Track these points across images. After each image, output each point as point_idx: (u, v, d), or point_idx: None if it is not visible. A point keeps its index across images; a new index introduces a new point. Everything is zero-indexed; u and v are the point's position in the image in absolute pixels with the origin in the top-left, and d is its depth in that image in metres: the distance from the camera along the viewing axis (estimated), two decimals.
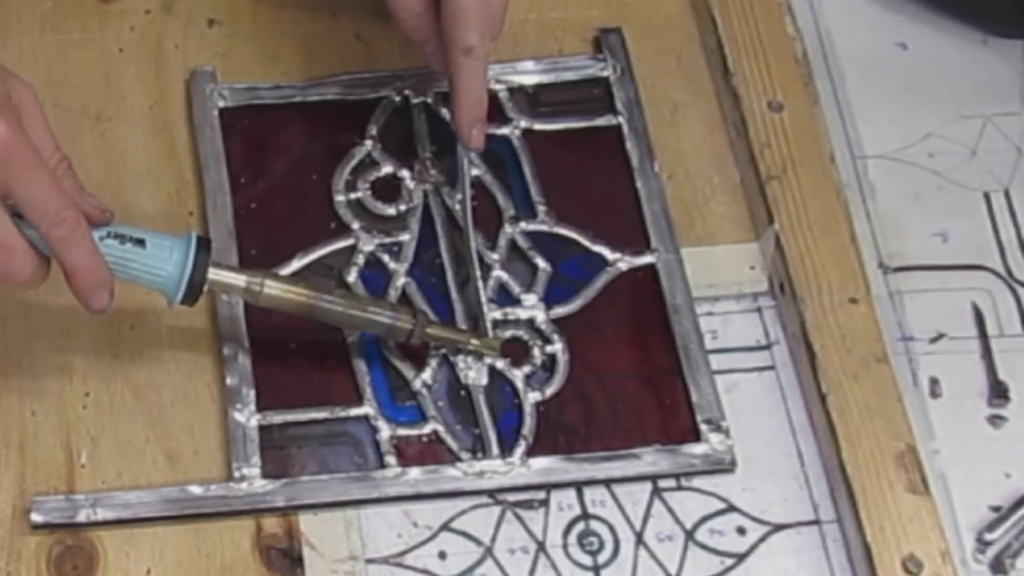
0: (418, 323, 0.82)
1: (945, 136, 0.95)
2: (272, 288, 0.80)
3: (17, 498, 0.80)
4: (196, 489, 0.80)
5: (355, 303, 0.82)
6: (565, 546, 0.81)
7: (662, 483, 0.83)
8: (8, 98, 0.75)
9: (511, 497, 0.82)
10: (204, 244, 0.79)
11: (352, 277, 0.87)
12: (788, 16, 0.97)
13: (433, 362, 0.85)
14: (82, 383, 0.83)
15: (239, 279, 0.80)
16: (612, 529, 0.82)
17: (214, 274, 0.79)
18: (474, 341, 0.84)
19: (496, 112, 0.93)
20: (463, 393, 0.84)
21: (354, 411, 0.83)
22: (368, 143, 0.91)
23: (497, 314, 0.86)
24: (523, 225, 0.89)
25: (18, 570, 0.79)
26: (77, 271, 0.76)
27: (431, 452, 0.83)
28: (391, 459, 0.82)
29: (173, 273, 0.78)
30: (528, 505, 0.82)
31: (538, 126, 0.93)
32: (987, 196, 0.93)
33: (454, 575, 0.80)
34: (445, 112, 0.92)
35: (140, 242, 0.78)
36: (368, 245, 0.88)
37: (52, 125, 0.89)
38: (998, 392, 0.87)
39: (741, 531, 0.82)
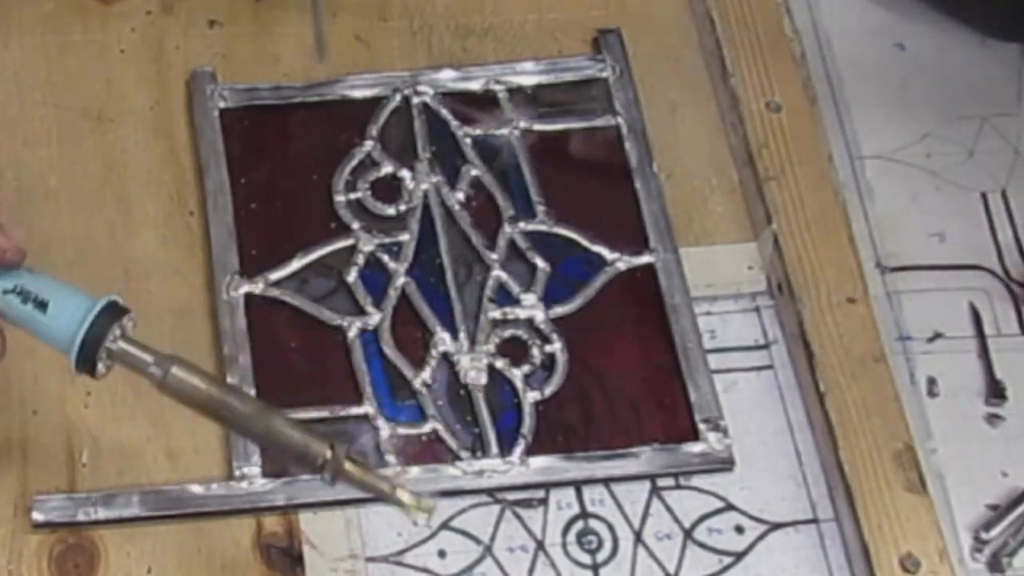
0: (334, 455, 0.70)
1: (943, 137, 0.95)
2: (177, 377, 0.72)
3: (18, 497, 0.80)
4: (197, 488, 0.81)
5: (268, 417, 0.72)
6: (564, 545, 0.82)
7: (661, 482, 0.83)
8: None
9: (510, 496, 0.82)
10: (116, 310, 0.73)
11: (352, 277, 0.87)
12: (786, 17, 0.97)
13: (433, 362, 0.85)
14: (83, 382, 0.83)
15: (146, 358, 0.72)
16: (611, 528, 0.82)
17: (117, 345, 0.72)
18: (403, 496, 0.71)
19: (496, 112, 0.93)
20: (463, 392, 0.84)
21: (354, 410, 0.83)
22: (368, 143, 0.91)
23: (496, 313, 0.87)
24: (522, 225, 0.89)
25: (19, 569, 0.79)
26: None
27: (431, 451, 0.83)
28: (391, 458, 0.82)
29: (66, 336, 0.72)
30: (527, 504, 0.82)
31: (537, 126, 0.93)
32: (984, 196, 0.93)
33: (454, 574, 0.80)
34: (445, 112, 0.92)
35: (42, 305, 0.73)
36: (368, 245, 0.88)
37: (53, 125, 0.90)
38: (995, 391, 0.87)
39: (739, 530, 0.83)
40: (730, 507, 0.83)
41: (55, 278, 0.74)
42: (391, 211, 0.90)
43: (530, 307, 0.87)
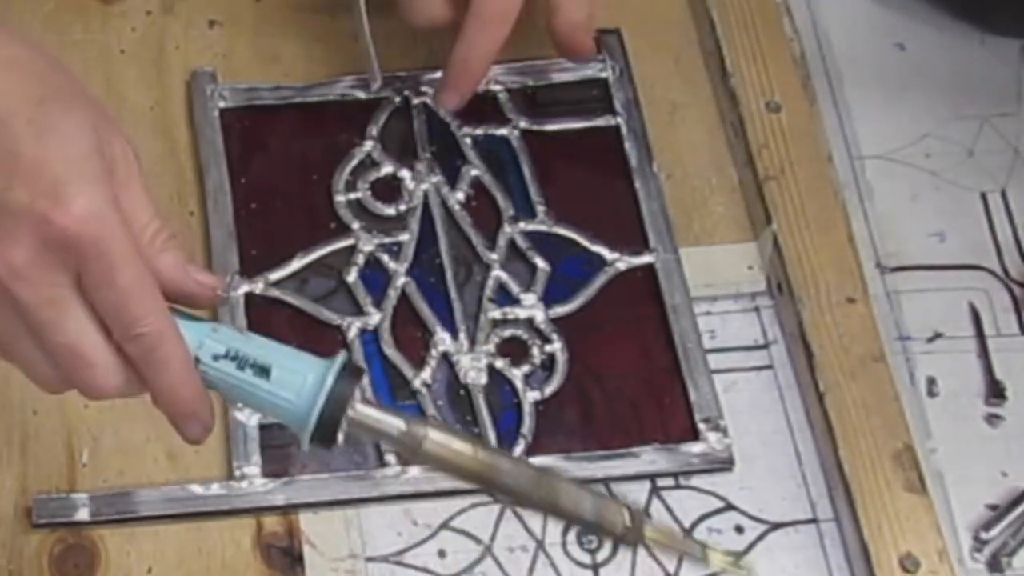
0: (634, 523, 0.65)
1: (942, 136, 0.95)
2: (436, 440, 0.63)
3: (19, 497, 0.80)
4: (197, 488, 0.81)
5: (547, 481, 0.64)
6: (564, 544, 0.82)
7: (660, 482, 0.83)
8: (99, 156, 0.60)
9: None
10: (353, 372, 0.63)
11: (352, 277, 0.87)
12: (786, 17, 0.97)
13: (433, 362, 0.85)
14: None
15: (393, 423, 0.63)
16: None
17: (359, 413, 0.63)
18: (715, 558, 0.67)
19: (495, 113, 0.93)
20: (462, 392, 0.85)
21: None
22: (368, 143, 0.92)
23: (496, 313, 0.87)
24: (522, 225, 0.90)
25: (19, 569, 0.79)
26: (162, 395, 0.62)
27: None
28: (391, 458, 0.82)
29: (300, 406, 0.63)
30: None
31: (537, 127, 0.93)
32: (984, 196, 0.93)
33: (454, 573, 0.80)
34: (445, 112, 0.92)
35: (264, 371, 0.63)
36: (368, 245, 0.88)
37: None
38: (995, 391, 0.87)
39: (739, 529, 0.83)
40: (730, 507, 0.83)
41: (267, 337, 0.65)
42: (391, 211, 0.90)
43: (530, 307, 0.87)
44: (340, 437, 0.63)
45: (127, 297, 0.59)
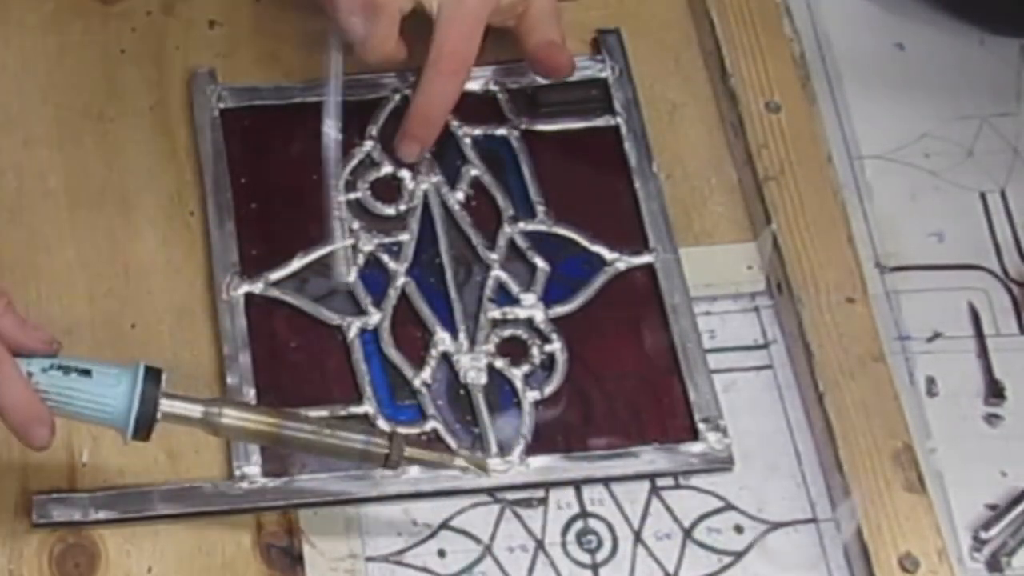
0: (394, 446, 0.76)
1: (942, 136, 0.95)
2: (231, 418, 0.75)
3: (19, 496, 0.80)
4: (197, 488, 0.81)
5: (323, 429, 0.77)
6: (564, 544, 0.82)
7: (660, 482, 0.83)
8: None
9: (510, 496, 0.83)
10: (154, 374, 0.75)
11: (352, 277, 0.87)
12: (786, 17, 0.97)
13: (433, 361, 0.85)
14: None
15: (194, 409, 0.75)
16: (610, 527, 0.82)
17: (167, 406, 0.75)
18: (459, 461, 0.78)
19: (495, 113, 0.93)
20: (462, 392, 0.85)
21: (354, 410, 0.83)
22: (368, 143, 0.92)
23: (496, 313, 0.87)
24: (522, 225, 0.90)
25: (20, 568, 0.79)
26: (7, 410, 0.73)
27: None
28: None
29: (120, 407, 0.74)
30: (527, 503, 0.83)
31: (537, 127, 0.93)
32: (983, 196, 0.93)
33: (453, 573, 0.80)
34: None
35: (85, 372, 0.74)
36: (368, 245, 0.88)
37: (54, 126, 0.90)
38: (994, 391, 0.87)
39: (739, 529, 0.83)
40: (729, 507, 0.83)
41: (80, 356, 0.76)
42: (391, 211, 0.90)
43: (530, 307, 0.87)
44: (155, 429, 0.75)
45: None
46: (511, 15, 0.90)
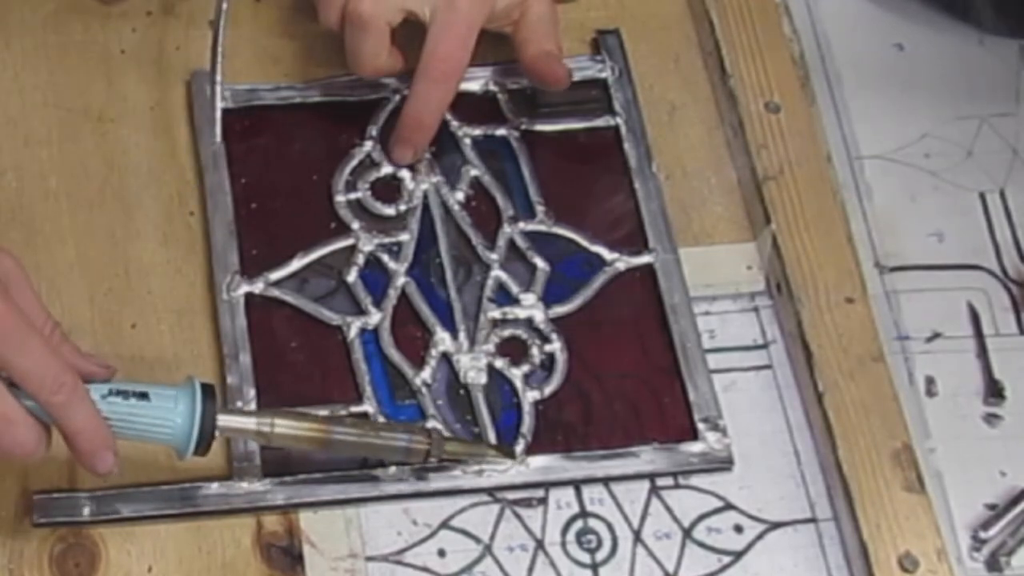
0: (434, 442, 0.80)
1: (941, 137, 0.95)
2: (283, 427, 0.78)
3: (19, 496, 0.80)
4: (197, 487, 0.81)
5: (368, 431, 0.80)
6: (564, 544, 0.82)
7: (660, 481, 0.84)
8: None
9: (510, 495, 0.83)
10: (209, 391, 0.76)
11: (352, 277, 0.87)
12: (785, 17, 0.97)
13: (433, 361, 0.85)
14: None
15: (248, 422, 0.77)
16: (610, 527, 0.82)
17: (224, 420, 0.77)
18: (491, 452, 0.82)
19: (495, 113, 0.93)
20: (462, 392, 0.85)
21: (354, 409, 0.83)
22: (368, 143, 0.92)
23: (496, 313, 0.87)
24: (522, 225, 0.90)
25: (20, 568, 0.79)
26: (78, 436, 0.74)
27: None
28: None
29: (182, 426, 0.75)
30: (527, 503, 0.83)
31: (537, 127, 0.93)
32: (983, 196, 0.93)
33: (453, 573, 0.81)
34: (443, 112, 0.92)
35: (143, 396, 0.75)
36: (368, 245, 0.88)
37: (54, 125, 0.90)
38: (994, 391, 0.87)
39: (738, 529, 0.83)
40: (729, 506, 0.83)
41: (136, 379, 0.77)
42: (391, 211, 0.90)
43: (530, 307, 0.87)
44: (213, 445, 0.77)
45: (43, 362, 0.72)
46: (507, 21, 0.90)
